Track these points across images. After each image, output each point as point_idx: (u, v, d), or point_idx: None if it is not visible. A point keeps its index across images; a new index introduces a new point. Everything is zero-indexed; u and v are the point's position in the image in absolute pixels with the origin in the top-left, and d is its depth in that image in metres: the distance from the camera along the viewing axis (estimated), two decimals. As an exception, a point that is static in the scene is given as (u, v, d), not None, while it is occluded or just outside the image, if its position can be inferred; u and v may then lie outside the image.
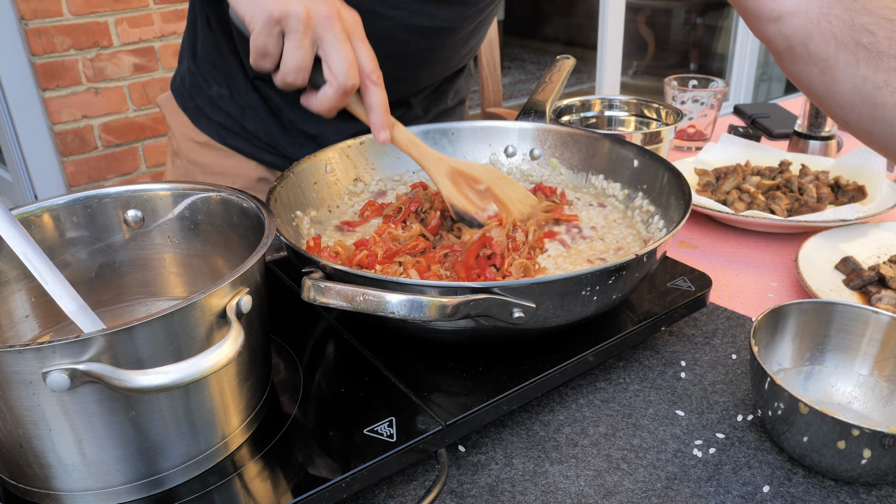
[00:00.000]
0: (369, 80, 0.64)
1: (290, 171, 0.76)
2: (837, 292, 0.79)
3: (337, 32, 0.61)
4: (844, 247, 0.88)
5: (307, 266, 0.57)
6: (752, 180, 1.01)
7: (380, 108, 0.66)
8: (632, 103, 1.26)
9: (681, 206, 0.68)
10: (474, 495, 0.55)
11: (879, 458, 0.50)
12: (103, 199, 0.61)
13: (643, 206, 0.78)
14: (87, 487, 0.47)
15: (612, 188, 0.84)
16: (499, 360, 0.61)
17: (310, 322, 0.69)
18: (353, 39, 0.63)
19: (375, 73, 0.64)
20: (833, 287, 0.80)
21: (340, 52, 0.61)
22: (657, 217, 0.75)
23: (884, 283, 0.79)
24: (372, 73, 0.64)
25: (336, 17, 0.61)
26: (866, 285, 0.80)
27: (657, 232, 0.73)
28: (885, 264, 0.82)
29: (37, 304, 0.59)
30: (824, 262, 0.85)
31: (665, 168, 0.76)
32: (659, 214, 0.75)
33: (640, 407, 0.64)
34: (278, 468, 0.51)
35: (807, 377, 0.64)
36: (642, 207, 0.78)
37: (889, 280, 0.79)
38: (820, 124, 1.17)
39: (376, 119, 0.66)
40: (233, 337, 0.44)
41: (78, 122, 2.33)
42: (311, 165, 0.80)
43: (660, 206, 0.76)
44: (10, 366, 0.41)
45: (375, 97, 0.65)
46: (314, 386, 0.59)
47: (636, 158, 0.81)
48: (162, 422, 0.46)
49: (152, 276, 0.65)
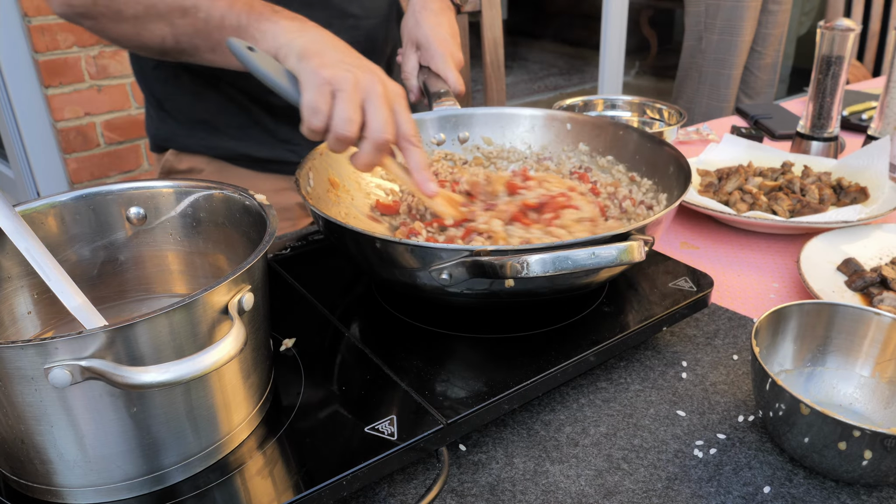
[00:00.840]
0: (408, 142, 0.70)
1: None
2: (839, 294, 0.79)
3: (379, 96, 0.67)
4: (846, 248, 0.88)
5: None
6: (754, 181, 1.01)
7: (420, 166, 0.70)
8: (634, 103, 1.26)
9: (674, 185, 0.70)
10: (475, 494, 0.55)
11: (880, 460, 0.50)
12: (106, 196, 0.61)
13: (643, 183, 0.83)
14: (88, 483, 0.47)
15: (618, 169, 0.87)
16: (500, 359, 0.61)
17: (311, 320, 0.69)
18: (395, 105, 0.69)
19: (415, 136, 0.70)
20: (835, 288, 0.80)
21: (379, 111, 0.67)
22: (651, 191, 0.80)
23: (886, 285, 0.79)
24: (412, 137, 0.70)
25: (381, 84, 0.68)
26: (868, 287, 0.80)
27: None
28: (888, 266, 0.82)
29: (39, 300, 0.59)
30: (826, 263, 0.85)
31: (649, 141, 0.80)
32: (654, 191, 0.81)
33: (641, 407, 0.64)
34: (279, 465, 0.51)
35: (808, 378, 0.64)
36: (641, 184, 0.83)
37: (891, 282, 0.79)
38: (822, 125, 1.17)
39: (420, 176, 0.71)
40: (234, 334, 0.44)
41: (80, 119, 2.33)
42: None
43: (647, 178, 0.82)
44: (12, 362, 0.41)
45: (416, 157, 0.70)
46: (315, 384, 0.59)
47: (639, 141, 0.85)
48: (164, 418, 0.47)
49: (154, 274, 0.65)
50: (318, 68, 0.67)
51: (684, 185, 0.70)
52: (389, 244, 0.59)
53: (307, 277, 0.76)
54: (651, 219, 0.61)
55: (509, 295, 0.62)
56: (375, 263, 0.63)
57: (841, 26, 1.10)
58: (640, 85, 4.83)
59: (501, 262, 0.54)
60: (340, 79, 0.66)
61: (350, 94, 0.66)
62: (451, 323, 0.66)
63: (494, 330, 0.65)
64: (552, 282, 0.61)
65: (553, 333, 0.65)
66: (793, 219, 0.92)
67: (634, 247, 0.56)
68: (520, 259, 0.54)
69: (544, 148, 0.91)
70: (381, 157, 0.70)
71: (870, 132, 1.18)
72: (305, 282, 0.75)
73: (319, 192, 0.77)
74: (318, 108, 0.67)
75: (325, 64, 0.67)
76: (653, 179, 0.81)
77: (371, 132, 0.67)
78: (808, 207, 0.94)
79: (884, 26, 2.64)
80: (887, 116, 1.15)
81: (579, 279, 0.62)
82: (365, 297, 0.73)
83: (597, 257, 0.55)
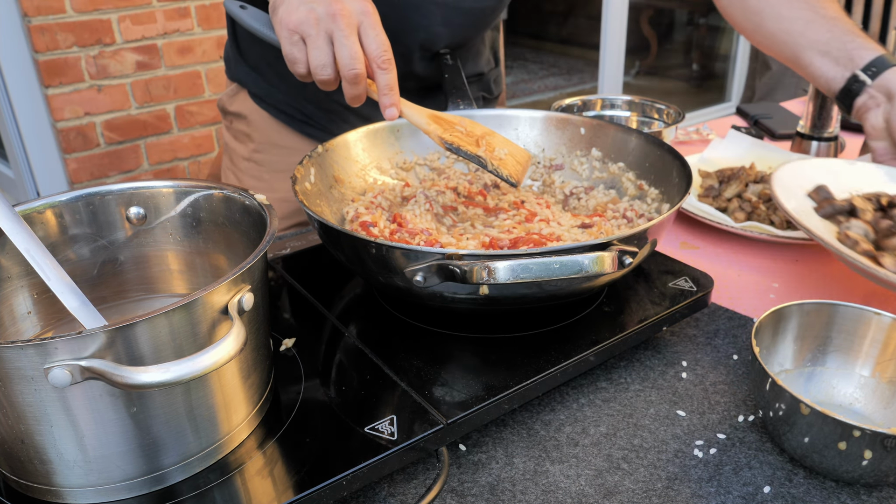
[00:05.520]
0: (375, 64, 0.69)
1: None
2: (807, 218, 0.78)
3: (342, 28, 0.67)
4: (820, 177, 0.88)
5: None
6: (754, 188, 1.01)
7: (384, 90, 0.70)
8: (634, 103, 1.26)
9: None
10: (475, 494, 0.55)
11: (880, 460, 0.50)
12: (106, 196, 0.61)
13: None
14: (88, 483, 0.47)
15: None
16: (500, 358, 0.61)
17: (311, 320, 0.69)
18: (361, 29, 0.68)
19: (382, 57, 0.69)
20: (804, 212, 0.80)
21: (344, 46, 0.67)
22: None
23: (854, 214, 0.79)
24: (378, 58, 0.69)
25: (340, 14, 0.67)
26: (836, 214, 0.80)
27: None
28: (860, 197, 0.81)
29: (39, 300, 0.59)
30: (797, 188, 0.85)
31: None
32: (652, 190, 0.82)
33: (641, 407, 0.64)
34: (279, 465, 0.51)
35: (808, 378, 0.64)
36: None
37: (860, 212, 0.78)
38: (823, 125, 1.17)
39: (383, 99, 0.70)
40: (234, 334, 0.44)
41: (80, 119, 2.33)
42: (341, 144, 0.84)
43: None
44: (12, 362, 0.41)
45: (382, 79, 0.69)
46: (315, 384, 0.59)
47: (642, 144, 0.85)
48: (164, 418, 0.47)
49: (154, 274, 0.65)
50: (284, 18, 0.68)
51: (680, 197, 0.69)
52: (359, 243, 0.60)
53: (307, 277, 0.76)
54: (635, 230, 0.60)
55: (508, 301, 0.62)
56: (356, 264, 0.64)
57: (841, 26, 1.10)
58: (640, 85, 4.83)
59: (469, 268, 0.54)
60: (302, 23, 0.67)
61: (315, 37, 0.67)
62: (451, 323, 0.66)
63: (494, 330, 0.65)
64: (545, 288, 0.60)
65: (553, 333, 0.65)
66: (788, 231, 0.92)
67: (605, 257, 0.55)
68: (486, 265, 0.54)
69: (557, 152, 0.91)
70: (363, 87, 0.70)
71: (870, 132, 1.18)
72: (305, 282, 0.75)
73: (321, 188, 0.77)
74: (294, 58, 0.68)
75: (290, 10, 0.68)
76: (660, 189, 0.80)
77: (342, 70, 0.68)
78: None
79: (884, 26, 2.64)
80: (887, 116, 1.14)
81: (574, 285, 0.62)
82: (364, 297, 0.73)
83: (565, 267, 0.54)
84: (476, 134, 0.76)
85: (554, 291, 0.61)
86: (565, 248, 0.55)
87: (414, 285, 0.56)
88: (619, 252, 0.56)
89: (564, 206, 0.85)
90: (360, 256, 0.62)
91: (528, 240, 0.70)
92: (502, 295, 0.60)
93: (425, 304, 0.66)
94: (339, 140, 0.83)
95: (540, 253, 0.55)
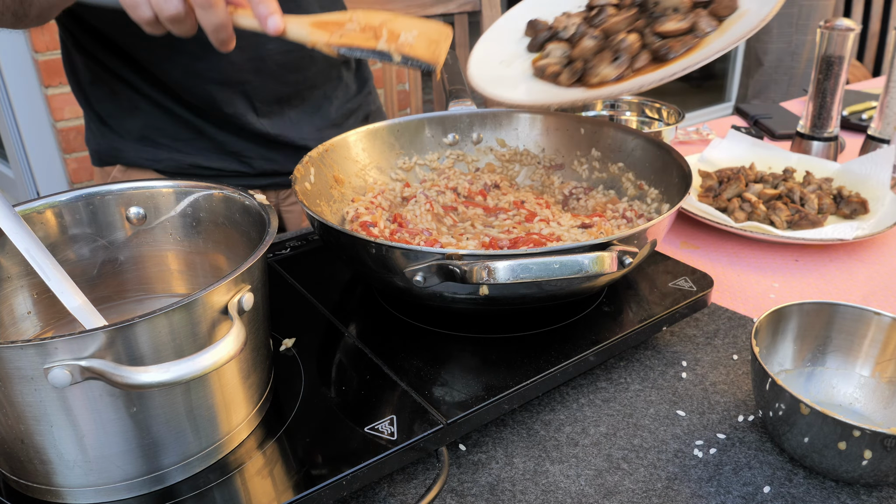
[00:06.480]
0: None
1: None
2: (522, 61, 0.80)
3: None
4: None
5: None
6: (754, 188, 1.01)
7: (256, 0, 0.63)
8: (633, 103, 1.26)
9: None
10: (475, 494, 0.55)
11: (880, 459, 0.50)
12: (105, 196, 0.61)
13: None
14: (87, 483, 0.47)
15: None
16: (500, 358, 0.61)
17: (311, 320, 0.69)
18: None
19: None
20: (519, 55, 0.82)
21: None
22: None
23: (557, 38, 0.80)
24: None
25: None
26: (544, 43, 0.81)
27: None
28: (564, 15, 0.82)
29: (39, 300, 0.59)
30: (510, 31, 0.87)
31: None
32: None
33: (641, 407, 0.64)
34: (279, 465, 0.51)
35: (808, 378, 0.64)
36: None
37: (562, 32, 0.80)
38: (822, 125, 1.17)
39: (258, 9, 0.63)
40: (234, 334, 0.44)
41: (80, 119, 2.33)
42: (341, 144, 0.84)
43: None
44: (11, 362, 0.41)
45: None
46: (315, 384, 0.59)
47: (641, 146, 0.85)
48: (164, 419, 0.47)
49: (154, 274, 0.65)
50: None
51: (680, 197, 0.68)
52: (359, 243, 0.59)
53: (307, 277, 0.76)
54: (634, 230, 0.60)
55: (508, 301, 0.62)
56: (356, 264, 0.64)
57: (841, 26, 1.10)
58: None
59: (469, 268, 0.54)
60: None
61: None
62: (451, 323, 0.66)
63: (494, 330, 0.65)
64: (544, 288, 0.60)
65: (553, 333, 0.65)
66: (788, 232, 0.92)
67: (605, 257, 0.55)
68: (486, 265, 0.54)
69: (557, 152, 0.91)
70: (223, 12, 0.63)
71: (870, 132, 1.18)
72: (305, 282, 0.75)
73: (321, 189, 0.77)
74: (134, 1, 0.62)
75: None
76: (660, 189, 0.80)
77: None
78: (805, 220, 0.94)
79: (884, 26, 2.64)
80: (887, 116, 1.15)
81: (574, 285, 0.62)
82: (365, 297, 0.73)
83: (565, 267, 0.54)
84: (374, 25, 0.67)
85: (554, 291, 0.61)
86: (565, 248, 0.55)
87: (414, 285, 0.56)
88: (619, 252, 0.56)
89: (564, 207, 0.85)
90: (360, 256, 0.62)
91: (527, 240, 0.70)
92: (502, 295, 0.60)
93: (425, 304, 0.66)
94: (339, 140, 0.83)
95: (540, 253, 0.55)
